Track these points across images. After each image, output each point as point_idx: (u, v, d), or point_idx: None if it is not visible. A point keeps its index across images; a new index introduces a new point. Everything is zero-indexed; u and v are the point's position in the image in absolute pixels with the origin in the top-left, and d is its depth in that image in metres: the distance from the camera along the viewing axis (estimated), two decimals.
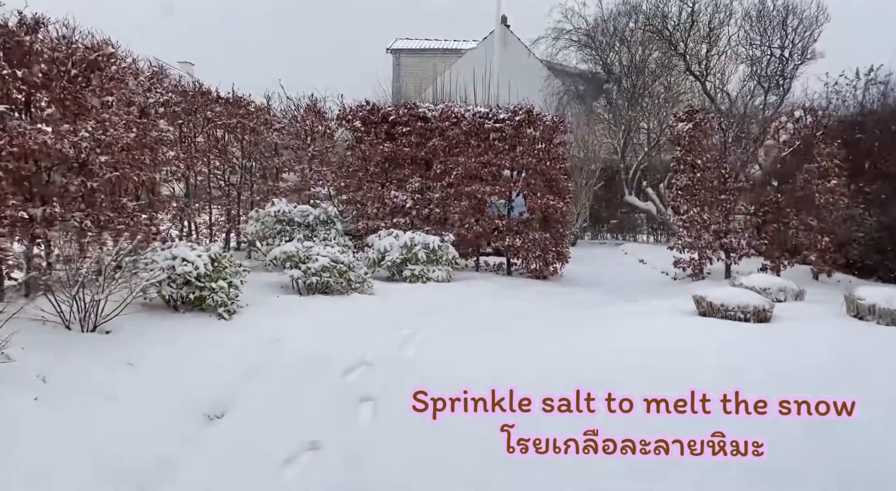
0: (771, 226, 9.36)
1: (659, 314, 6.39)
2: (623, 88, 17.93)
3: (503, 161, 9.82)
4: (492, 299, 7.73)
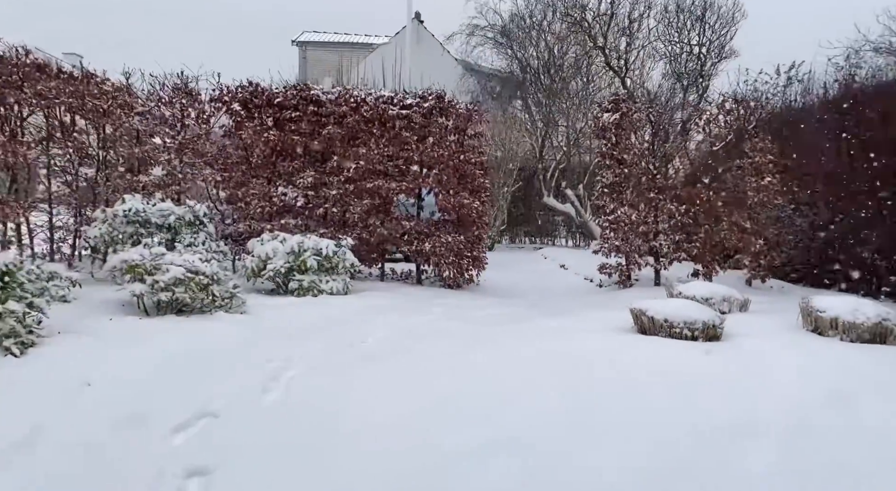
0: (703, 227, 8.55)
1: (591, 332, 5.28)
2: (541, 84, 17.12)
3: (411, 154, 8.54)
4: (395, 315, 6.40)
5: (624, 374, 4.15)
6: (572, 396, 3.81)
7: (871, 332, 4.89)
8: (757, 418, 3.62)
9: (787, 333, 5.23)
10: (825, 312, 5.13)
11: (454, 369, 4.29)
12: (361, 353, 4.87)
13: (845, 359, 4.47)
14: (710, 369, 4.28)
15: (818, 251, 9.26)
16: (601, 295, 8.66)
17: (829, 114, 9.25)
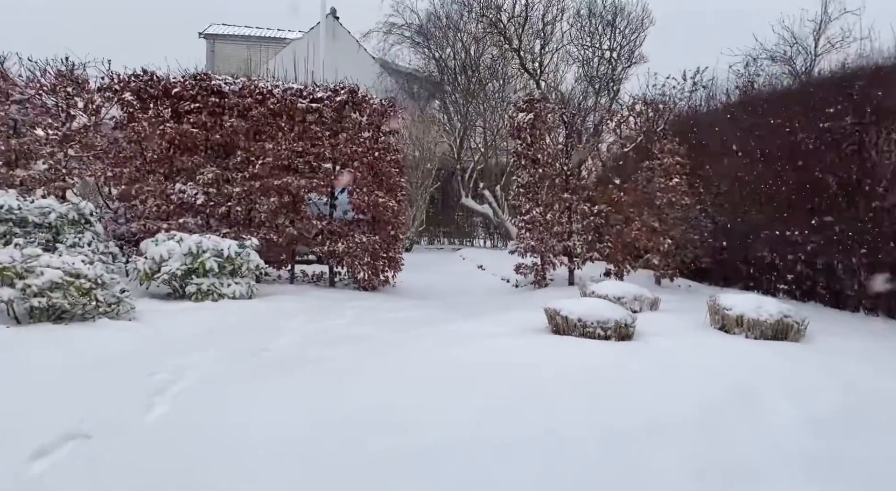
0: (614, 228, 8.65)
1: (506, 335, 5.13)
2: (458, 85, 17.06)
3: (323, 150, 8.17)
4: (303, 320, 6.04)
5: (537, 377, 4.02)
6: (484, 404, 3.63)
7: (774, 328, 5.00)
8: (667, 418, 3.57)
9: (695, 332, 5.29)
10: (731, 310, 5.21)
11: (364, 379, 4.02)
12: (263, 362, 4.50)
13: (751, 356, 4.52)
14: (622, 370, 4.22)
15: (722, 251, 9.59)
16: (517, 295, 8.60)
17: (732, 118, 9.60)
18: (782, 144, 7.84)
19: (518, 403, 3.66)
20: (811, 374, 4.18)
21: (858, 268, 6.92)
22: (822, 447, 3.32)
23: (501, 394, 3.76)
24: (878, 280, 6.80)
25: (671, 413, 3.62)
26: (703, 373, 4.15)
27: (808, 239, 7.55)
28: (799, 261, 7.78)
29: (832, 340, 5.06)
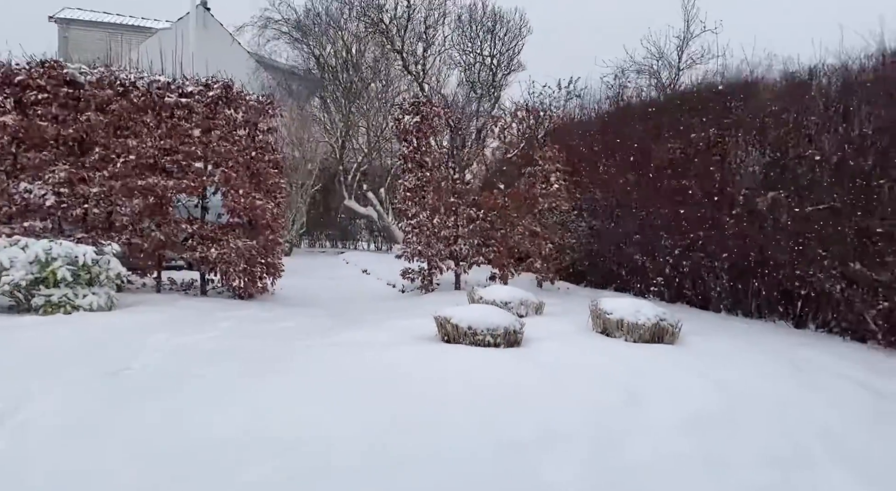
0: (499, 232, 8.74)
1: (395, 345, 4.96)
2: (340, 84, 16.67)
3: (193, 148, 7.56)
4: (172, 334, 5.50)
5: (429, 390, 3.89)
6: (374, 421, 3.43)
7: (651, 332, 5.20)
8: (560, 426, 3.56)
9: (579, 336, 5.39)
10: (612, 315, 5.37)
11: (239, 401, 3.67)
12: (124, 384, 4.01)
13: (632, 359, 4.65)
14: (513, 378, 4.18)
15: (597, 254, 9.99)
16: (404, 300, 8.44)
17: (605, 127, 10.04)
18: (652, 153, 8.27)
19: (409, 419, 3.50)
20: (686, 376, 4.35)
21: (721, 271, 7.42)
22: (706, 449, 3.43)
23: (392, 410, 3.58)
24: (731, 281, 7.34)
25: (564, 421, 3.61)
26: (590, 378, 4.20)
27: (676, 243, 8.02)
28: (668, 264, 8.24)
29: (701, 340, 5.34)
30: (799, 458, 3.35)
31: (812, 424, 3.68)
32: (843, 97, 6.05)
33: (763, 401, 3.96)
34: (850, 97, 5.96)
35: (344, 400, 3.69)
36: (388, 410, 3.58)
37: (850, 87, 6.01)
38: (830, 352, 5.14)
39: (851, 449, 3.46)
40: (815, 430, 3.61)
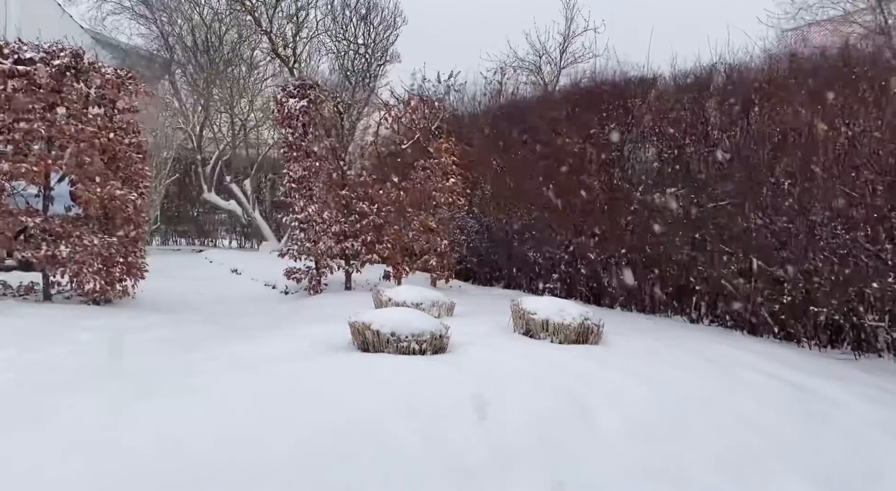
0: (392, 227, 8.26)
1: (306, 356, 4.36)
2: (200, 66, 15.23)
3: (35, 126, 6.30)
4: (18, 350, 4.43)
5: (357, 410, 3.36)
6: (293, 453, 2.87)
7: (577, 332, 5.02)
8: (511, 444, 3.25)
9: (504, 339, 5.09)
10: (536, 315, 5.12)
11: (111, 440, 2.90)
12: None
13: (564, 362, 4.41)
14: (449, 389, 3.76)
15: (487, 251, 9.87)
16: (290, 303, 7.70)
17: (495, 122, 9.92)
18: (549, 148, 8.23)
19: (339, 448, 2.98)
20: (619, 376, 4.20)
21: (617, 267, 7.52)
22: (655, 454, 3.28)
23: (318, 438, 3.03)
24: (628, 277, 7.47)
25: (512, 437, 3.30)
26: (531, 387, 3.89)
27: (572, 240, 8.03)
28: (563, 261, 8.25)
29: (622, 340, 5.25)
30: (745, 460, 3.29)
31: (749, 423, 3.64)
32: (738, 96, 6.30)
33: (700, 402, 3.88)
34: (746, 95, 6.21)
35: (255, 431, 3.05)
36: (312, 438, 3.03)
37: (746, 85, 6.27)
38: (740, 347, 5.26)
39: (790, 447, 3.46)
40: (752, 428, 3.58)
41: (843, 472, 3.24)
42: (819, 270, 5.39)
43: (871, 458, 3.39)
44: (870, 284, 5.08)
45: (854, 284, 5.22)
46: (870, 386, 4.45)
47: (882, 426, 3.70)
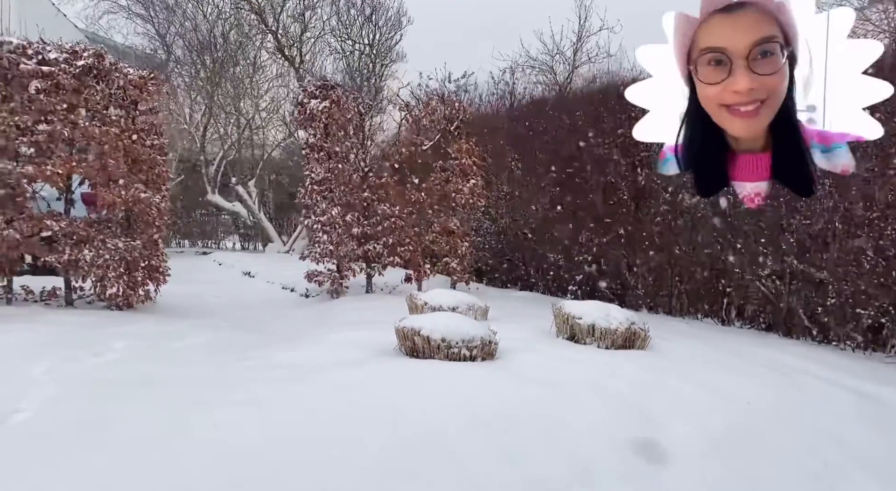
0: (413, 230, 8.17)
1: (353, 363, 4.25)
2: (205, 67, 15.07)
3: (58, 128, 6.16)
4: (54, 361, 4.30)
5: (424, 422, 3.26)
6: (369, 476, 2.77)
7: (624, 337, 4.95)
8: (586, 457, 3.15)
9: (548, 344, 5.02)
10: (582, 320, 5.05)
11: (179, 451, 2.80)
12: (18, 434, 2.96)
13: (619, 369, 4.34)
14: (515, 399, 3.67)
15: (503, 252, 9.79)
16: (313, 307, 7.58)
17: (505, 123, 9.86)
18: (571, 147, 8.16)
19: (421, 460, 2.89)
20: (680, 385, 4.13)
21: (644, 268, 7.46)
22: (733, 468, 3.21)
23: (389, 453, 2.93)
24: (654, 279, 7.41)
25: (587, 450, 3.21)
26: (594, 397, 3.81)
27: (596, 241, 7.96)
28: (585, 262, 8.18)
29: (666, 344, 5.19)
30: (830, 470, 3.23)
31: (824, 433, 3.58)
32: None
33: (769, 411, 3.81)
34: None
35: (320, 449, 2.94)
36: (383, 453, 2.93)
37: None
38: (786, 352, 5.21)
39: (870, 457, 3.40)
40: (830, 439, 3.52)
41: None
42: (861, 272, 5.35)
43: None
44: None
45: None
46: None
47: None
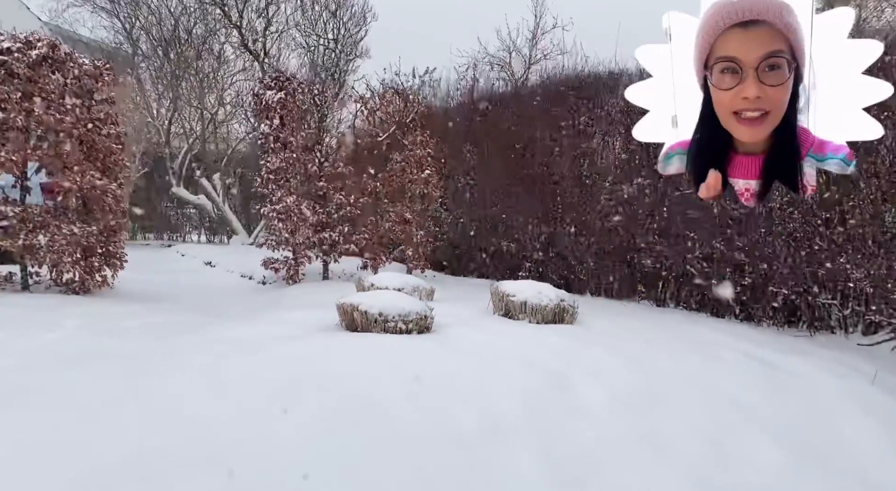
0: (369, 218, 8.43)
1: (296, 337, 4.51)
2: (169, 61, 15.09)
3: (13, 116, 6.29)
4: (4, 335, 4.50)
5: (357, 387, 3.53)
6: (307, 434, 3.03)
7: (553, 313, 5.28)
8: (502, 414, 3.45)
9: (484, 319, 5.32)
10: (515, 297, 5.37)
11: (139, 410, 3.04)
12: None
13: (544, 340, 4.66)
14: (440, 367, 3.95)
15: (459, 242, 10.08)
16: (270, 293, 7.80)
17: (462, 117, 10.14)
18: (521, 141, 8.48)
19: (350, 418, 3.15)
20: (599, 354, 4.45)
21: (588, 255, 7.81)
22: (644, 427, 3.50)
23: (328, 410, 3.20)
24: (596, 264, 7.77)
25: (504, 409, 3.50)
26: (513, 362, 4.11)
27: (543, 230, 8.31)
28: (534, 249, 8.52)
29: (595, 320, 5.54)
30: (722, 428, 3.55)
31: (724, 396, 3.92)
32: None
33: (679, 376, 4.15)
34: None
35: (267, 409, 3.20)
36: (321, 415, 3.19)
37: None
38: (708, 327, 5.59)
39: (762, 416, 3.74)
40: (728, 401, 3.86)
41: (808, 438, 3.52)
42: (777, 254, 5.75)
43: (830, 424, 3.70)
44: (824, 266, 5.46)
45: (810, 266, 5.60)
46: (828, 360, 4.81)
47: (840, 395, 4.03)
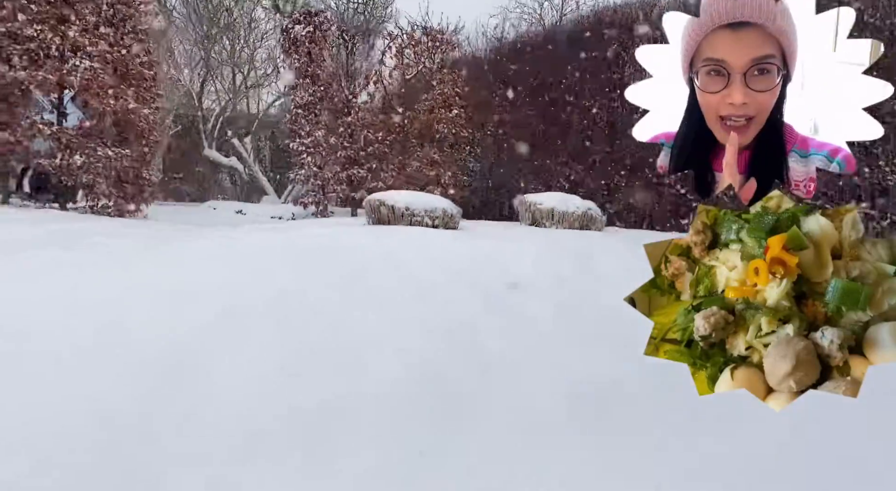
0: (397, 158, 8.42)
1: (329, 227, 4.60)
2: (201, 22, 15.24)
3: (50, 36, 6.41)
4: None
5: (382, 254, 3.57)
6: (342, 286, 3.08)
7: (581, 220, 5.22)
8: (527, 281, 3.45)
9: (510, 228, 5.30)
10: (542, 204, 5.32)
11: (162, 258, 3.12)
12: None
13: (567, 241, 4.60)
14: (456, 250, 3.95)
15: (488, 190, 10.02)
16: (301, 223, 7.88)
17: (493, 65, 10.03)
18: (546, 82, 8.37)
19: None
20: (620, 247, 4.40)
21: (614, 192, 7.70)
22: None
23: (355, 270, 3.25)
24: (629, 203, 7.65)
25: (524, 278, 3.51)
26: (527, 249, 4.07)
27: (572, 169, 8.21)
28: (563, 189, 8.41)
29: (624, 230, 5.47)
30: None
31: None
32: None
33: None
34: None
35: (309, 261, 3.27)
36: (358, 268, 3.26)
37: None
38: None
39: None
40: None
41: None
42: None
43: None
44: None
45: None
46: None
47: None
